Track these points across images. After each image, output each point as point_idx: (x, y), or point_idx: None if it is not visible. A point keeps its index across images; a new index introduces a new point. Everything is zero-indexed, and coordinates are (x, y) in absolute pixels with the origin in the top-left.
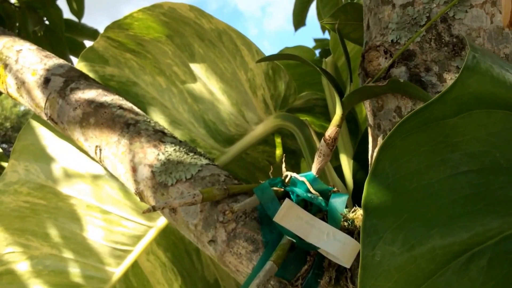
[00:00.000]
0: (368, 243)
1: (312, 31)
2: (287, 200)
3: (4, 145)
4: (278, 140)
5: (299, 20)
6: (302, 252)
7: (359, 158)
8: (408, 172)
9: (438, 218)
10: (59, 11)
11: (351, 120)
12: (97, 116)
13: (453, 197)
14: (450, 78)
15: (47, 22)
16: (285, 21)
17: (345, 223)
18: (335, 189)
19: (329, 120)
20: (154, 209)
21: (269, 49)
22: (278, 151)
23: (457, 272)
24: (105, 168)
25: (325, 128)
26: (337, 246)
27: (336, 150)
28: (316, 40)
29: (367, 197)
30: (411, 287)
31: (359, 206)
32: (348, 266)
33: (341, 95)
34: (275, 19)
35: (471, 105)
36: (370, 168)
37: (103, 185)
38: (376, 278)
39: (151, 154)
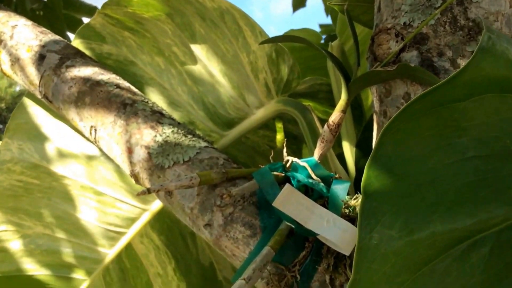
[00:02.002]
0: (366, 225)
1: (319, 17)
2: (287, 185)
3: None
4: (279, 125)
5: (299, 0)
6: (301, 238)
7: (363, 146)
8: (412, 156)
9: (440, 204)
10: None
11: (356, 107)
12: (93, 96)
13: (457, 183)
14: (464, 64)
15: None
16: (292, 5)
17: (346, 210)
18: (337, 175)
19: (333, 106)
20: (149, 191)
21: (274, 34)
22: (279, 136)
23: (457, 259)
24: (100, 149)
25: (329, 114)
26: (336, 233)
27: (339, 136)
28: (321, 26)
29: (367, 180)
30: (408, 272)
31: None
32: (347, 254)
33: (347, 79)
34: (282, 3)
35: (484, 88)
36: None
37: (97, 166)
38: (372, 262)
39: (148, 135)
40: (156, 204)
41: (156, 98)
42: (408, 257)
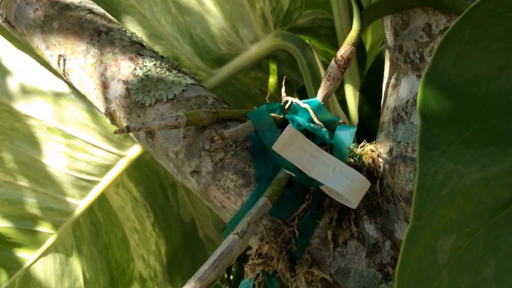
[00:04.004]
0: (428, 158)
1: None
2: (289, 126)
3: None
4: (273, 67)
5: None
6: (301, 189)
7: (367, 90)
8: (476, 75)
9: None
10: None
11: (358, 47)
12: (62, 20)
13: None
14: None
15: None
16: None
17: (351, 160)
18: (341, 120)
19: (335, 45)
20: (128, 129)
21: None
22: (272, 79)
23: None
24: (70, 84)
25: (329, 55)
26: (344, 183)
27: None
28: None
29: (423, 101)
30: (479, 219)
31: (367, 141)
32: (354, 207)
33: (360, 7)
34: None
35: None
36: (382, 101)
37: (67, 105)
38: (436, 204)
39: (127, 68)
40: (134, 150)
41: (135, 29)
42: (480, 200)
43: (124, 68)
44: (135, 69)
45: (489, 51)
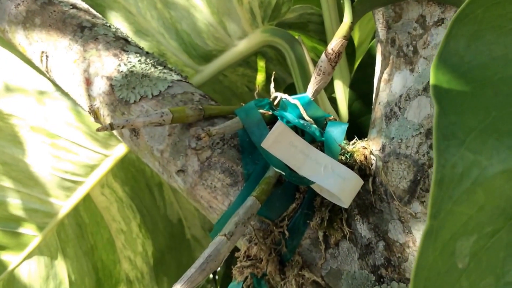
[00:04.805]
0: (445, 148)
1: None
2: (279, 122)
3: None
4: (261, 64)
5: None
6: (291, 188)
7: (357, 86)
8: (492, 58)
9: None
10: None
11: (347, 43)
12: (44, 16)
13: None
14: None
15: None
16: None
17: (343, 157)
18: (332, 117)
19: (324, 41)
20: (112, 127)
21: None
22: (260, 77)
23: None
24: (54, 82)
25: (318, 52)
26: (335, 182)
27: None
28: None
29: (438, 85)
30: (502, 218)
31: (358, 139)
32: (346, 206)
33: None
34: None
35: None
36: (374, 96)
37: (51, 103)
38: (455, 201)
39: (111, 64)
40: (120, 149)
41: (120, 26)
42: (503, 195)
43: (108, 64)
44: (119, 65)
45: (505, 31)
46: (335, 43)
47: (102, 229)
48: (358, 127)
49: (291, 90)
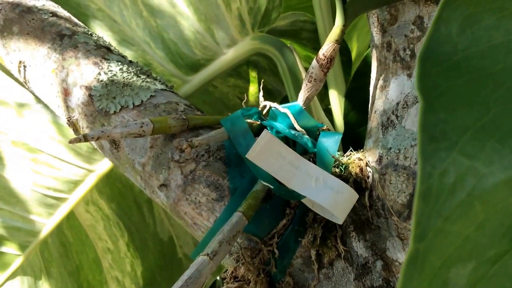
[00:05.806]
0: (433, 152)
1: None
2: (265, 131)
3: None
4: (253, 74)
5: None
6: (280, 203)
7: (353, 96)
8: (491, 46)
9: None
10: None
11: (343, 52)
12: (23, 24)
13: None
14: None
15: None
16: None
17: (337, 169)
18: (325, 127)
19: (318, 50)
20: (85, 138)
21: None
22: (252, 88)
23: None
24: (33, 93)
25: (311, 61)
26: (328, 195)
27: (325, 86)
28: None
29: (423, 77)
30: (505, 240)
31: (353, 150)
32: (340, 222)
33: (343, 0)
34: None
35: None
36: (370, 105)
37: (32, 116)
38: (446, 218)
39: (90, 73)
40: (105, 164)
41: (104, 35)
42: (507, 210)
43: (87, 73)
44: (99, 73)
45: (506, 15)
46: (327, 47)
47: (87, 248)
48: (354, 139)
49: (286, 102)
